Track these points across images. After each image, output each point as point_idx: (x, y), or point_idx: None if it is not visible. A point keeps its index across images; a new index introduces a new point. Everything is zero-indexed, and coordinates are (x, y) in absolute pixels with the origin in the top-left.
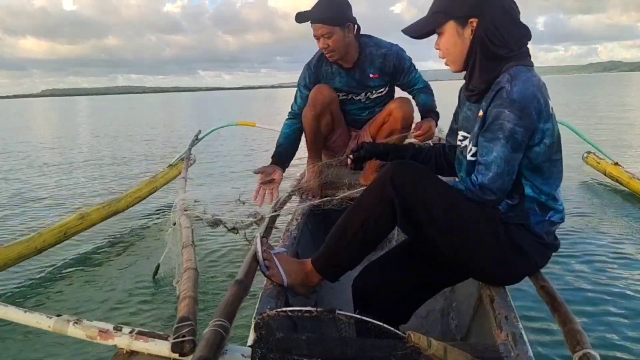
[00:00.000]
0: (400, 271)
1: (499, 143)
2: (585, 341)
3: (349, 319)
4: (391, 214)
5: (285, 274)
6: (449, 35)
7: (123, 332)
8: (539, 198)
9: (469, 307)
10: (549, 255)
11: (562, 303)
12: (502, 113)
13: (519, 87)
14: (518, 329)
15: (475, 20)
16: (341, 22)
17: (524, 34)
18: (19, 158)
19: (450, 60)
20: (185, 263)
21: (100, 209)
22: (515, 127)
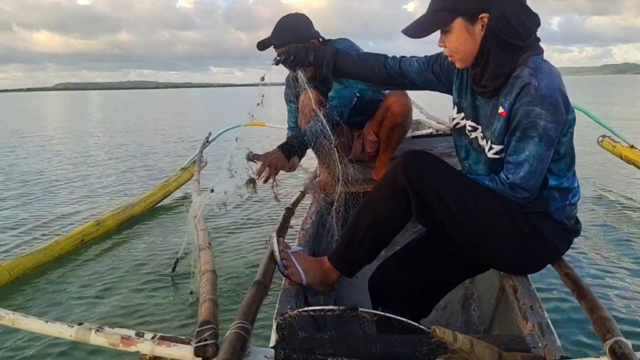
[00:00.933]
0: (417, 265)
1: (531, 142)
2: (615, 328)
3: (372, 316)
4: (405, 204)
5: (304, 272)
6: (457, 33)
7: (145, 337)
8: (561, 185)
9: (491, 297)
10: (571, 240)
11: (588, 290)
12: (533, 110)
13: (546, 82)
14: (544, 318)
15: (485, 15)
16: (304, 41)
17: (533, 20)
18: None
19: (459, 58)
20: (203, 266)
21: (115, 214)
22: (548, 124)
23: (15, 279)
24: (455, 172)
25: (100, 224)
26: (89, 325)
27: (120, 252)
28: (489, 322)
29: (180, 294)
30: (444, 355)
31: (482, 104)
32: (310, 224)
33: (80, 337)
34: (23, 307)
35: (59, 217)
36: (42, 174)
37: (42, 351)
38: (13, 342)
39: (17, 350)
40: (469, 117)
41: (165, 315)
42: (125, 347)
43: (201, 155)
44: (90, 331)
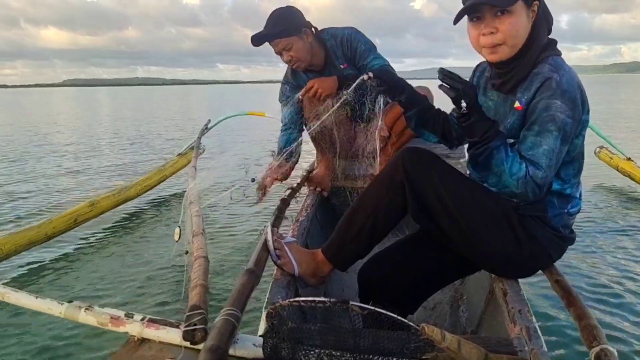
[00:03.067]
0: (408, 261)
1: (550, 136)
2: (601, 336)
3: (362, 310)
4: (401, 199)
5: (297, 263)
6: (519, 16)
7: (134, 319)
8: (563, 191)
9: (480, 300)
10: (564, 249)
11: (577, 298)
12: (554, 104)
13: (567, 78)
14: (532, 323)
15: (537, 3)
16: (296, 31)
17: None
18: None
19: (512, 43)
20: (195, 251)
21: (110, 196)
22: (566, 119)
23: (6, 255)
24: (453, 170)
25: (95, 205)
26: (79, 303)
27: (113, 234)
28: (476, 324)
29: (174, 278)
30: (431, 353)
31: (495, 101)
32: (305, 217)
33: (70, 314)
34: (13, 284)
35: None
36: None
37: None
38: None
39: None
40: None
41: (156, 299)
42: (114, 327)
43: (199, 142)
44: (79, 309)
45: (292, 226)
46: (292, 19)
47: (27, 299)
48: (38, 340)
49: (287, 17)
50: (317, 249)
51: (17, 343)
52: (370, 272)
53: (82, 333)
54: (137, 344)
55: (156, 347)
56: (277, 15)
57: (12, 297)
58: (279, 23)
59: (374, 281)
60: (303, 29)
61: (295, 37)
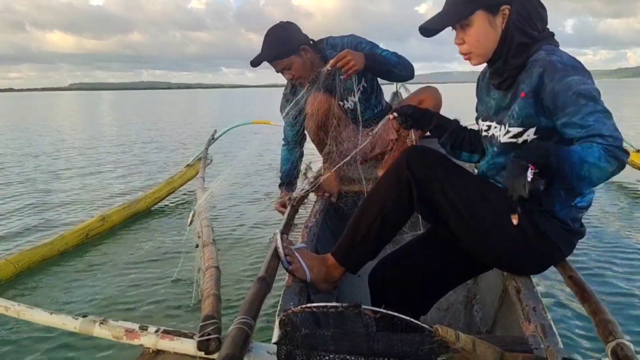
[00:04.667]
0: (418, 262)
1: (586, 105)
2: (617, 331)
3: (375, 314)
4: (408, 197)
5: (308, 269)
6: (479, 26)
7: (149, 331)
8: None
9: (494, 298)
10: (574, 243)
11: (592, 293)
12: (572, 80)
13: (566, 56)
14: (547, 320)
15: (507, 7)
16: (293, 50)
17: (546, 15)
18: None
19: (478, 53)
20: (206, 261)
21: (120, 210)
22: (589, 87)
23: (20, 272)
24: (459, 168)
25: (105, 220)
26: (93, 317)
27: (124, 248)
28: (491, 323)
29: (185, 289)
30: (445, 354)
31: (496, 100)
32: (314, 222)
33: (85, 329)
34: (28, 301)
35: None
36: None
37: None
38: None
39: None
40: (485, 118)
41: (169, 310)
42: (129, 340)
43: (207, 153)
44: (94, 323)
45: (301, 232)
46: (287, 40)
47: (42, 315)
48: (54, 355)
49: (283, 39)
50: (327, 254)
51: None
52: (381, 274)
53: (97, 347)
54: (152, 356)
55: (171, 358)
56: (273, 38)
57: (27, 314)
58: (276, 46)
59: (385, 283)
60: (300, 47)
61: (293, 57)
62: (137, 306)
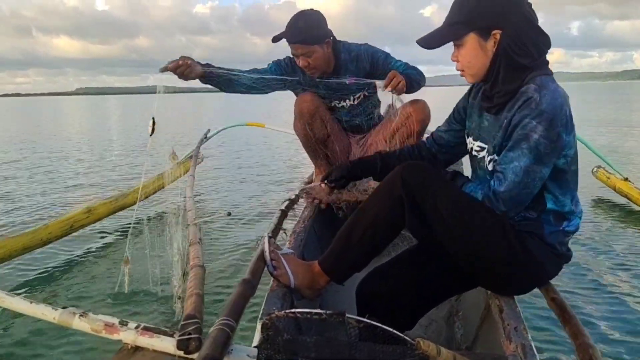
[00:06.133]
0: (406, 277)
1: (520, 152)
2: (597, 356)
3: (358, 323)
4: (400, 214)
5: (293, 275)
6: (470, 48)
7: (129, 327)
8: (561, 210)
9: (476, 316)
10: (560, 266)
11: (573, 316)
12: (530, 123)
13: (548, 98)
14: (527, 340)
15: (498, 31)
16: (319, 40)
17: (544, 41)
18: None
19: (470, 72)
20: (192, 260)
21: (107, 203)
22: (540, 139)
23: (1, 260)
24: (452, 185)
25: (91, 212)
26: (73, 309)
27: (109, 241)
28: (472, 340)
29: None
30: None
31: (489, 121)
32: (302, 228)
33: (64, 320)
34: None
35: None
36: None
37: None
38: None
39: None
40: (476, 138)
41: (151, 307)
42: (108, 334)
43: (198, 152)
44: (74, 315)
45: (289, 238)
46: (316, 28)
47: (22, 303)
48: (29, 346)
49: (313, 26)
50: (313, 260)
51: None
52: (369, 287)
53: (75, 340)
54: (130, 352)
55: (150, 356)
56: (305, 21)
57: (6, 302)
58: (304, 30)
59: (372, 296)
60: (325, 39)
61: (317, 47)
62: (119, 302)
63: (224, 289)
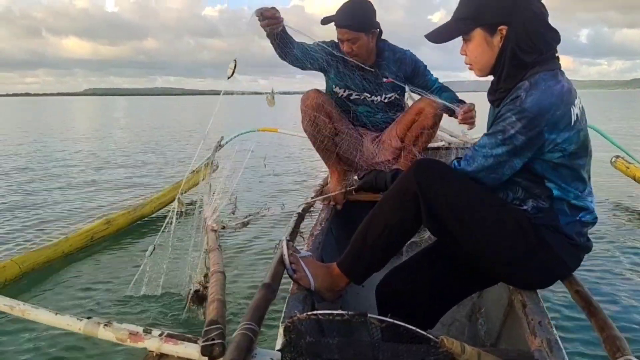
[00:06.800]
0: (425, 275)
1: (494, 142)
2: (625, 347)
3: (381, 323)
4: (415, 211)
5: (313, 277)
6: (477, 43)
7: (153, 334)
8: (568, 198)
9: (499, 312)
10: (581, 257)
11: (599, 308)
12: (509, 118)
13: (534, 98)
14: (553, 335)
15: (505, 27)
16: (367, 28)
17: (553, 37)
18: None
19: (477, 67)
20: (212, 266)
21: (125, 214)
22: (517, 134)
23: (24, 273)
24: (465, 180)
25: (111, 223)
26: (98, 319)
27: (128, 251)
28: (495, 337)
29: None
30: None
31: (494, 115)
32: (320, 231)
33: (89, 330)
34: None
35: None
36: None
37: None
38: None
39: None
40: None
41: (174, 314)
42: (133, 342)
43: (213, 159)
44: (98, 325)
45: (306, 240)
46: (367, 16)
47: (47, 315)
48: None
49: (364, 13)
50: (332, 262)
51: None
52: (388, 286)
53: (100, 349)
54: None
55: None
56: (356, 8)
57: (32, 314)
58: (356, 15)
59: (393, 295)
60: (372, 29)
61: (364, 34)
62: (142, 310)
63: (244, 294)
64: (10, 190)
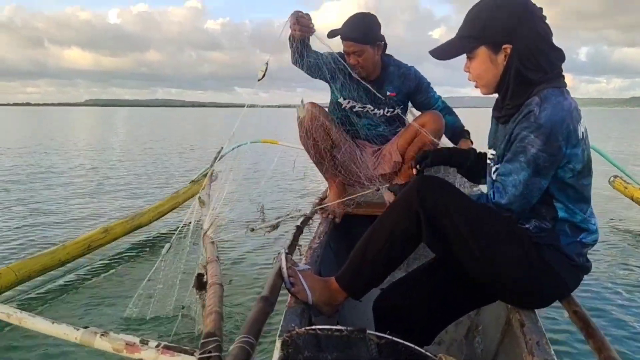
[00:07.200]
0: (423, 291)
1: (519, 166)
2: None
3: (379, 339)
4: (416, 228)
5: (310, 291)
6: (480, 61)
7: (149, 346)
8: (573, 219)
9: (496, 331)
10: (580, 278)
11: (597, 329)
12: (528, 137)
13: (548, 112)
14: (551, 355)
15: (509, 46)
16: (372, 41)
17: (557, 56)
18: None
19: (482, 84)
20: (210, 278)
21: (123, 223)
22: (538, 153)
23: (21, 280)
24: (467, 198)
25: (108, 231)
26: (95, 329)
27: (126, 260)
28: (493, 356)
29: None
30: None
31: (500, 131)
32: (318, 244)
33: (85, 340)
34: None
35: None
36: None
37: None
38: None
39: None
40: (491, 146)
41: (170, 325)
42: (129, 353)
43: (212, 169)
44: (95, 335)
45: (305, 254)
46: (372, 29)
47: (44, 324)
48: None
49: (369, 26)
50: (330, 276)
51: None
52: (386, 302)
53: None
54: None
55: None
56: (361, 21)
57: (28, 322)
58: (360, 29)
59: (390, 311)
60: (377, 42)
61: (369, 47)
62: (138, 320)
63: (242, 306)
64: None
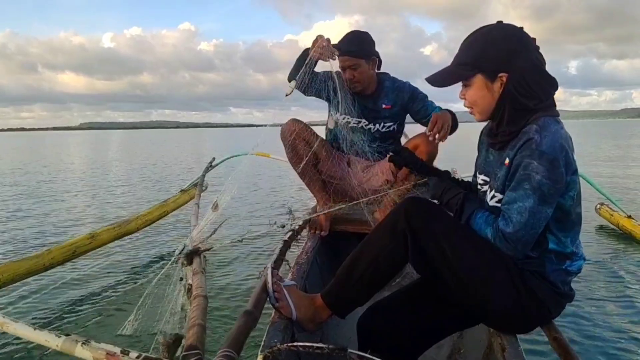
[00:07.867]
0: (407, 312)
1: (524, 194)
2: None
3: (361, 359)
4: (403, 249)
5: (295, 307)
6: (477, 88)
7: (130, 356)
8: (563, 250)
9: (478, 354)
10: (563, 305)
11: (575, 356)
12: (531, 164)
13: (549, 139)
14: None
15: (505, 75)
16: (367, 55)
17: (551, 84)
18: None
19: (477, 111)
20: (195, 290)
21: (110, 229)
22: (543, 180)
23: (4, 284)
24: (455, 222)
25: (94, 238)
26: (76, 337)
27: (111, 268)
28: None
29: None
30: None
31: (493, 156)
32: (305, 260)
33: (66, 348)
34: (8, 312)
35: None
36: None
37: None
38: None
39: None
40: (482, 171)
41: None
42: None
43: (203, 179)
44: (76, 343)
45: (291, 269)
46: (367, 44)
47: (25, 329)
48: None
49: (364, 41)
50: (315, 292)
51: None
52: (370, 321)
53: None
54: None
55: None
56: (357, 36)
57: (10, 327)
58: (356, 43)
59: (372, 331)
60: (372, 57)
61: (364, 61)
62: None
63: (225, 319)
64: None
